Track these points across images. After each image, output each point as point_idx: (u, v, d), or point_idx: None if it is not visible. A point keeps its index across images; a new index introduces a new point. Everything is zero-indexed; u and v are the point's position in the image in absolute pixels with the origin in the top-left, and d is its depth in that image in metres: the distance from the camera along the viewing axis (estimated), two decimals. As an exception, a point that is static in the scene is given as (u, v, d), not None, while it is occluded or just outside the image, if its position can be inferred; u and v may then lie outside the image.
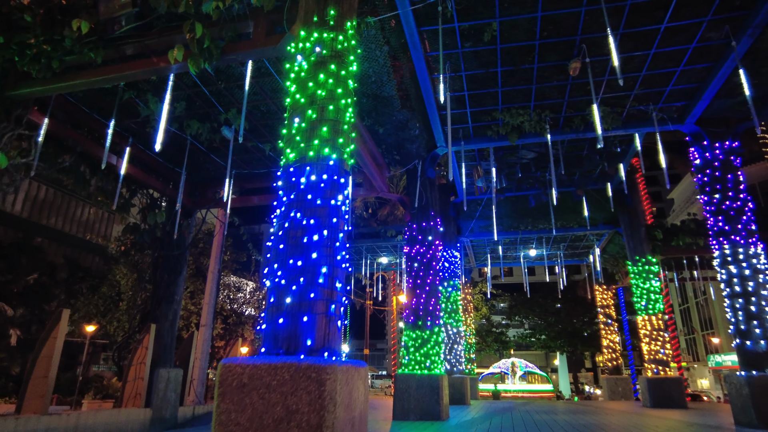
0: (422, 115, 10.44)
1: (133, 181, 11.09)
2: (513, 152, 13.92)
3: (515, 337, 42.75)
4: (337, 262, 4.98)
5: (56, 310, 9.45)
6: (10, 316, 22.18)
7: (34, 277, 23.87)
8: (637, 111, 10.92)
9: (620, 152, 14.03)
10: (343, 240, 5.16)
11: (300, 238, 4.95)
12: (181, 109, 9.31)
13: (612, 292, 21.39)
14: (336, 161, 5.27)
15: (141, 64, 7.45)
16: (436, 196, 11.77)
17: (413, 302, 10.71)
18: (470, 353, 19.18)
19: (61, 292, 24.57)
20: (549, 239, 18.69)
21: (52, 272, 24.90)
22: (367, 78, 8.60)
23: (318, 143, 5.27)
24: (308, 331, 4.65)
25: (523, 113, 10.77)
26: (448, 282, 15.49)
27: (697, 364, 42.13)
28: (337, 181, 5.22)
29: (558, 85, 10.06)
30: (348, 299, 4.61)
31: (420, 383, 10.01)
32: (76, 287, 25.10)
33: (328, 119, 5.39)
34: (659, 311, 15.16)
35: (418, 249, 11.07)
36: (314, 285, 4.78)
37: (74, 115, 9.52)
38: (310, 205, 5.06)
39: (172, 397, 11.33)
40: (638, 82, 9.96)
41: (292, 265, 4.88)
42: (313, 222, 4.98)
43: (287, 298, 4.78)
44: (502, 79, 9.79)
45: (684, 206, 41.91)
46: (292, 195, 5.19)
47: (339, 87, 5.57)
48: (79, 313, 24.08)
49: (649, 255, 15.72)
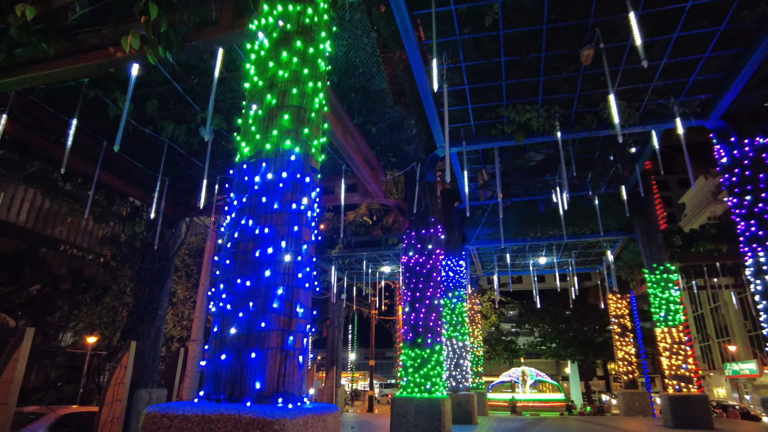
0: (419, 113, 9.35)
1: (110, 188, 10.13)
2: (520, 154, 12.74)
3: (525, 346, 41.16)
4: (297, 282, 3.87)
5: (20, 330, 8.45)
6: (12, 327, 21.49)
7: (37, 287, 23.19)
8: (656, 105, 9.72)
9: (635, 153, 12.79)
10: (308, 254, 4.06)
11: (251, 252, 3.87)
12: (154, 109, 8.31)
13: (626, 301, 19.97)
14: (299, 156, 4.18)
15: (96, 56, 6.47)
16: (436, 202, 10.64)
17: (412, 318, 9.56)
18: (478, 366, 17.90)
19: (65, 303, 23.85)
20: (559, 246, 17.41)
21: (56, 283, 24.23)
22: (354, 69, 7.53)
23: (277, 134, 4.20)
24: (257, 370, 3.55)
25: (530, 109, 9.62)
26: (452, 293, 14.30)
27: (713, 373, 40.17)
28: (301, 180, 4.13)
29: (568, 77, 8.92)
30: (313, 328, 3.87)
31: (419, 408, 8.84)
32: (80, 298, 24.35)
33: (290, 105, 4.32)
34: (680, 323, 13.79)
35: (416, 259, 9.93)
36: (266, 312, 3.69)
37: (42, 119, 8.56)
38: (265, 211, 3.97)
39: (154, 420, 10.26)
40: (658, 71, 8.77)
41: (239, 285, 3.79)
42: (267, 231, 3.89)
43: (232, 327, 3.69)
44: (506, 70, 8.66)
45: (696, 211, 40.20)
46: (244, 198, 4.11)
47: (305, 67, 4.50)
48: (83, 323, 23.35)
49: (667, 263, 14.38)
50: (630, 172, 13.91)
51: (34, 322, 22.51)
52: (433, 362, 9.24)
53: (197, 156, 9.89)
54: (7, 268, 22.39)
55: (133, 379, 9.96)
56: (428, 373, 9.12)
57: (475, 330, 18.87)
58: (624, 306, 19.83)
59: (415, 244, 10.02)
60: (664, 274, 14.30)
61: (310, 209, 4.18)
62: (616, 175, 14.00)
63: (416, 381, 9.11)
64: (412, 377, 9.17)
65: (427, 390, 9.03)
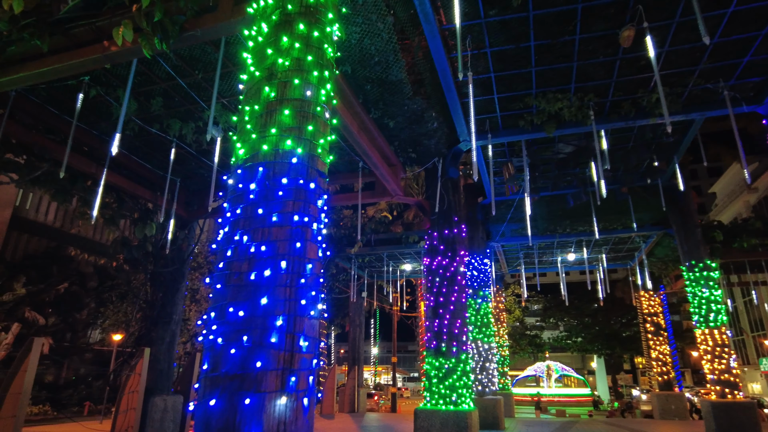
0: (440, 105, 8.56)
1: (120, 190, 9.66)
2: (548, 146, 11.83)
3: (550, 340, 39.96)
4: (301, 310, 3.20)
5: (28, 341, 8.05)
6: (42, 324, 21.72)
7: (65, 286, 23.37)
8: (702, 91, 8.72)
9: (672, 143, 11.74)
10: (313, 274, 3.38)
11: (245, 274, 3.20)
12: (158, 106, 7.74)
13: (659, 298, 18.80)
14: (302, 158, 3.49)
15: (91, 51, 5.89)
16: (459, 199, 9.86)
17: (435, 324, 8.84)
18: (504, 366, 17.09)
19: (91, 300, 24.00)
20: (589, 242, 16.39)
21: (83, 281, 24.39)
22: (369, 59, 6.79)
23: (276, 133, 3.51)
24: (253, 419, 2.90)
25: (562, 98, 8.72)
26: (477, 293, 13.51)
27: (747, 368, 38.35)
28: (304, 186, 3.45)
29: (604, 62, 8.00)
30: (320, 361, 3.43)
31: (445, 421, 8.15)
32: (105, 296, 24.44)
33: (291, 99, 3.62)
34: (722, 324, 12.71)
35: (439, 261, 9.19)
36: (263, 347, 3.03)
37: (45, 120, 8.09)
38: (262, 224, 3.30)
39: (170, 427, 9.87)
40: (706, 52, 7.79)
41: (232, 315, 3.13)
42: (264, 249, 3.22)
43: (224, 366, 3.05)
44: (535, 56, 7.79)
45: (728, 201, 38.23)
46: (238, 209, 3.45)
47: (310, 54, 3.80)
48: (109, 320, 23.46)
49: (707, 259, 13.28)
50: (666, 163, 12.84)
51: (63, 320, 22.71)
52: (459, 372, 8.52)
53: (207, 155, 9.32)
54: (37, 267, 22.62)
55: (148, 386, 9.53)
56: (454, 384, 8.41)
57: (500, 329, 18.04)
58: (657, 303, 18.68)
59: (438, 245, 9.28)
60: (704, 272, 13.21)
61: (316, 221, 3.50)
62: (651, 167, 12.95)
63: (441, 392, 8.42)
64: (437, 388, 8.47)
65: (453, 402, 8.33)
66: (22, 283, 21.47)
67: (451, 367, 8.52)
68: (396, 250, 15.72)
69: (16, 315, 20.33)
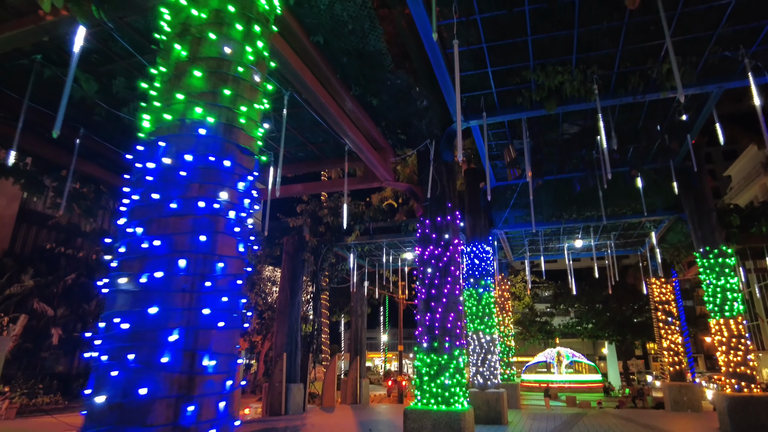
0: (429, 81, 7.72)
1: (98, 180, 9.05)
2: (552, 127, 10.91)
3: (560, 326, 38.96)
4: (204, 321, 2.48)
5: None
6: (51, 316, 21.62)
7: (72, 277, 23.22)
8: (720, 60, 7.73)
9: (686, 121, 10.72)
10: (227, 274, 2.65)
11: (136, 275, 2.50)
12: (122, 87, 7.04)
13: (671, 286, 17.77)
14: (213, 129, 2.74)
15: (26, 22, 5.21)
16: (454, 185, 9.04)
17: (427, 319, 8.11)
18: (509, 356, 16.32)
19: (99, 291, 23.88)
20: (597, 228, 15.44)
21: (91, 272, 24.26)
22: (342, 27, 5.98)
23: (184, 99, 2.77)
24: (134, 464, 2.20)
25: (563, 71, 7.80)
26: (479, 282, 12.73)
27: (762, 353, 37.02)
28: (216, 164, 2.71)
29: (610, 27, 7.07)
30: (241, 383, 3.20)
31: (436, 422, 7.46)
32: (114, 287, 24.24)
33: (204, 57, 2.87)
34: (738, 313, 11.75)
35: (431, 251, 8.42)
36: (152, 368, 2.32)
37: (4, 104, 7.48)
38: (159, 213, 2.58)
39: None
40: (725, 15, 6.82)
41: (117, 326, 2.43)
42: (159, 244, 2.50)
43: (105, 391, 2.35)
44: (531, 23, 6.90)
45: (744, 184, 36.60)
46: (136, 194, 2.73)
47: (231, 3, 3.04)
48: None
49: (723, 245, 12.26)
50: (679, 144, 11.81)
51: (72, 311, 22.60)
52: (452, 369, 7.80)
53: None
54: (46, 259, 22.50)
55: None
56: (446, 382, 7.69)
57: (505, 318, 17.24)
58: (669, 291, 17.66)
59: (430, 233, 8.51)
60: (719, 258, 12.21)
61: (234, 208, 2.76)
62: (663, 147, 11.94)
63: (432, 391, 7.71)
64: (428, 387, 7.76)
65: (445, 401, 7.62)
66: (30, 275, 21.32)
67: (444, 364, 7.80)
68: (396, 239, 14.99)
69: (26, 306, 20.18)
